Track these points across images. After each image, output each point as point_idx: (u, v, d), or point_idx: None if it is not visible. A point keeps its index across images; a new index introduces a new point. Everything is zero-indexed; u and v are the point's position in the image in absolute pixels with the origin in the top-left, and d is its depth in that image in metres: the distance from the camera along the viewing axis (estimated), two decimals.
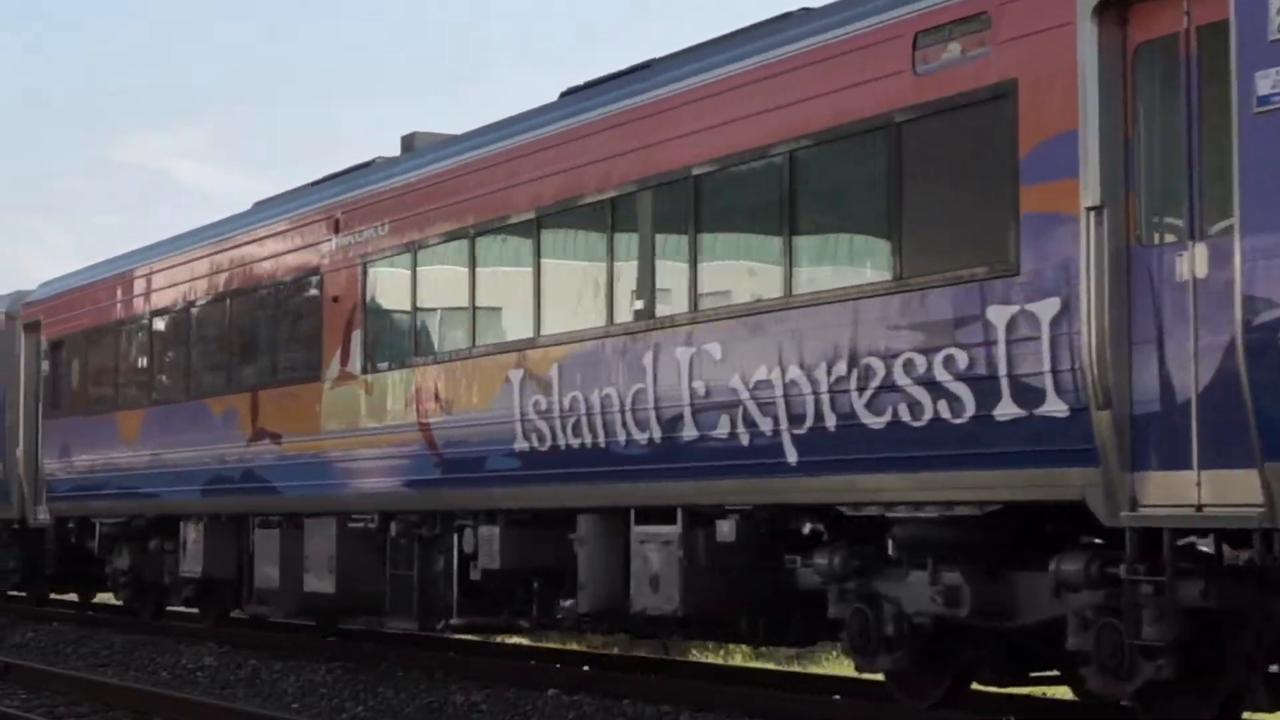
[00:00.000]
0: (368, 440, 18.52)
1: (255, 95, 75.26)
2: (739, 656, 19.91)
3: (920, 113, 12.15)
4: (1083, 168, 10.87)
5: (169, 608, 26.10)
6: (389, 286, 18.48)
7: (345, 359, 18.98)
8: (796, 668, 18.66)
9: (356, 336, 18.83)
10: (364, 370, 18.67)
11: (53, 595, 30.70)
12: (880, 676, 13.65)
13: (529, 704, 15.35)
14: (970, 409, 11.66)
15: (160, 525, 23.81)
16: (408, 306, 18.03)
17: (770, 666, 18.80)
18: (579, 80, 16.50)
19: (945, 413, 11.83)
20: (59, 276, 27.49)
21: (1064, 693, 13.73)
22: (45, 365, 27.00)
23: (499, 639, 21.12)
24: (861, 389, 12.44)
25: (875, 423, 12.35)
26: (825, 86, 12.94)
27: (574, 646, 20.73)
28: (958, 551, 12.02)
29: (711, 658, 19.96)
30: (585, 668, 18.32)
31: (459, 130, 18.21)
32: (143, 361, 23.88)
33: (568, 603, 15.76)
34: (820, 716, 14.18)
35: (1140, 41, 10.73)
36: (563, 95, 16.53)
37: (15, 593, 31.13)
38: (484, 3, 72.50)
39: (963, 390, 11.70)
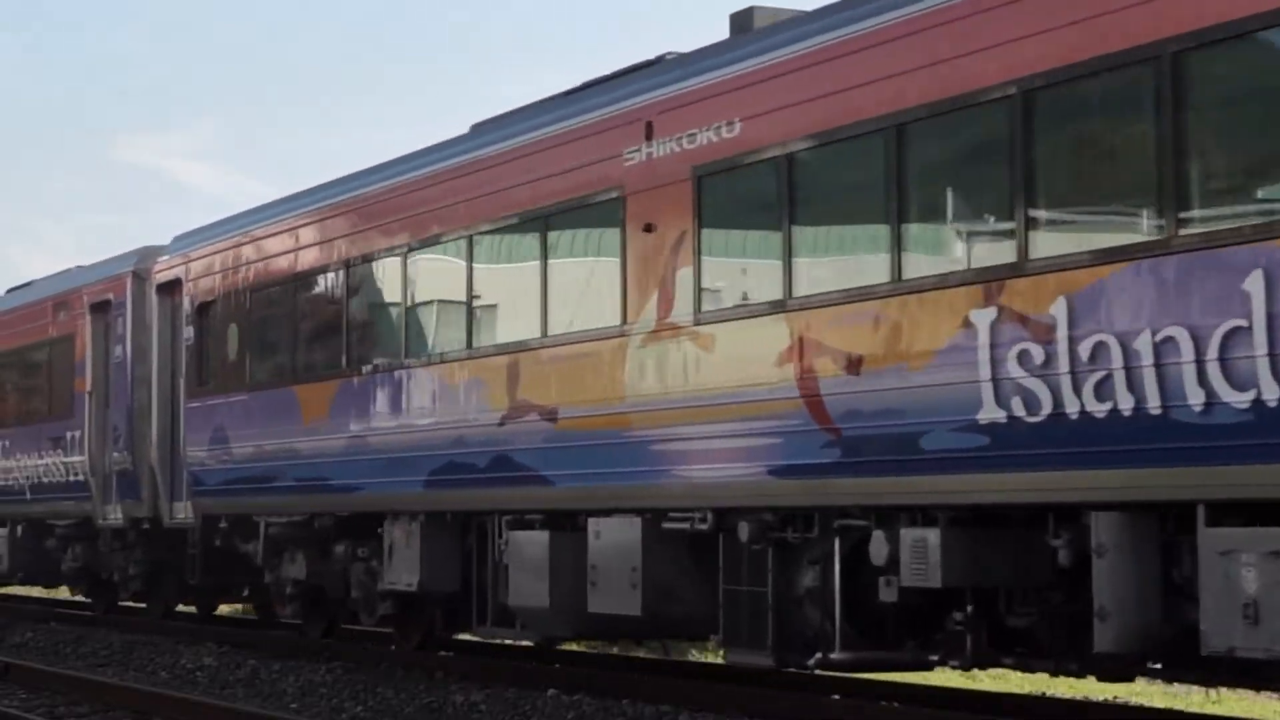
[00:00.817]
0: (702, 412, 13.89)
1: (255, 95, 74.95)
2: None
3: None
4: None
5: (345, 626, 21.48)
6: (742, 206, 13.88)
7: (665, 306, 14.35)
8: (795, 667, 16.98)
9: (684, 276, 14.19)
10: (696, 320, 14.04)
11: (178, 607, 26.15)
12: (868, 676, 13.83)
13: (528, 704, 15.21)
14: None
15: (350, 526, 19.20)
16: (777, 228, 13.39)
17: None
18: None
19: None
20: (204, 225, 22.84)
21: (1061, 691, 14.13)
22: (189, 333, 22.36)
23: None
24: None
25: None
26: None
27: (573, 647, 19.76)
28: None
29: (711, 658, 19.22)
30: (585, 668, 17.96)
31: None
32: (336, 322, 19.20)
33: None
34: (820, 716, 14.02)
35: None
36: None
37: (133, 603, 26.46)
38: (484, 2, 71.43)
39: None
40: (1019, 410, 11.22)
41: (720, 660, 18.24)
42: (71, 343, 25.92)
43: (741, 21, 14.73)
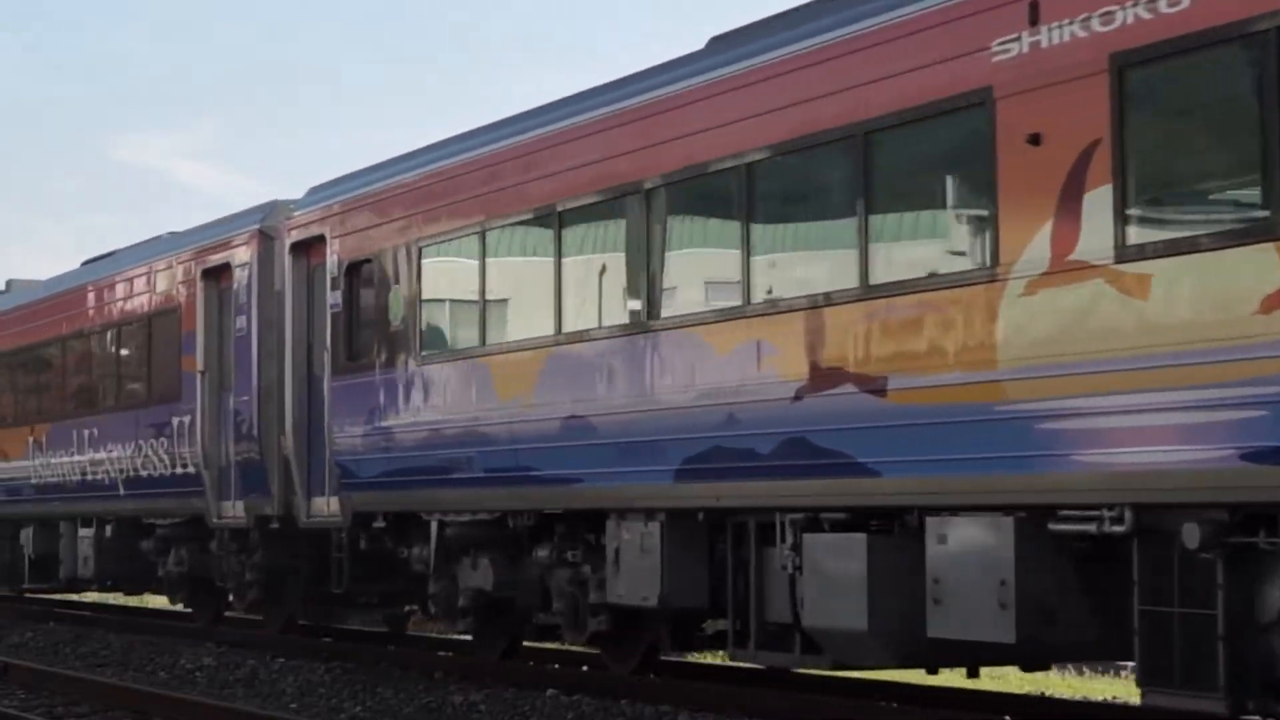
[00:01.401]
0: (1130, 378, 10.51)
1: (255, 95, 74.59)
2: None
3: None
4: None
5: (534, 644, 18.16)
6: (1191, 101, 10.51)
7: (1064, 240, 10.96)
8: (803, 670, 17.01)
9: (1096, 200, 10.79)
10: (1119, 256, 10.65)
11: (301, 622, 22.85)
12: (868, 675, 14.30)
13: (528, 704, 15.17)
14: None
15: (552, 526, 15.88)
16: (1252, 126, 10.01)
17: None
18: None
19: None
20: (350, 173, 19.46)
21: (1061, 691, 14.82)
22: (334, 299, 18.99)
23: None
24: None
25: None
26: None
27: (573, 648, 18.58)
28: None
29: (711, 658, 18.69)
30: (584, 668, 17.65)
31: None
32: (544, 279, 15.80)
33: None
34: (820, 716, 13.88)
35: None
36: None
37: (250, 615, 23.10)
38: (485, 2, 70.02)
39: None
40: None
41: (720, 660, 17.97)
42: (176, 316, 22.54)
43: None
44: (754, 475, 13.28)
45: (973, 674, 13.65)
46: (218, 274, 21.81)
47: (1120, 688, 16.85)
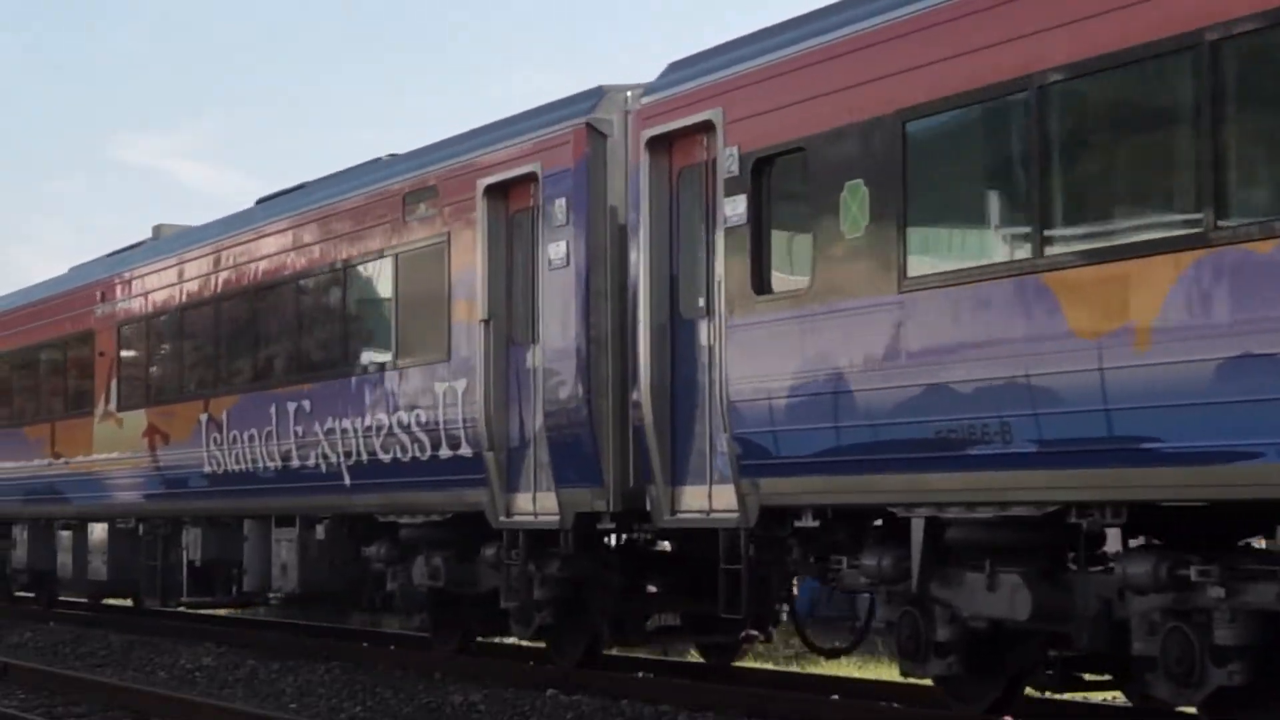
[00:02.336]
0: None
1: (255, 95, 74.63)
2: None
3: None
4: None
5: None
6: None
7: None
8: (795, 668, 17.96)
9: None
10: None
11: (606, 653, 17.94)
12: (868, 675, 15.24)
13: (527, 704, 14.98)
14: None
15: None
16: None
17: (770, 667, 18.39)
18: None
19: None
20: (748, 35, 14.01)
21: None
22: (731, 209, 13.57)
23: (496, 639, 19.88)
24: None
25: None
26: None
27: None
28: None
29: (710, 658, 17.83)
30: (584, 668, 16.82)
31: None
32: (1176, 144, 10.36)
33: None
34: (820, 716, 13.68)
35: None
36: None
37: (532, 643, 17.72)
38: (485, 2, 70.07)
39: None
40: None
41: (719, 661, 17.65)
42: (441, 249, 17.10)
43: None
44: None
45: None
46: (506, 191, 16.40)
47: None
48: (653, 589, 16.84)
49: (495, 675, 16.89)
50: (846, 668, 17.56)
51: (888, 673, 14.65)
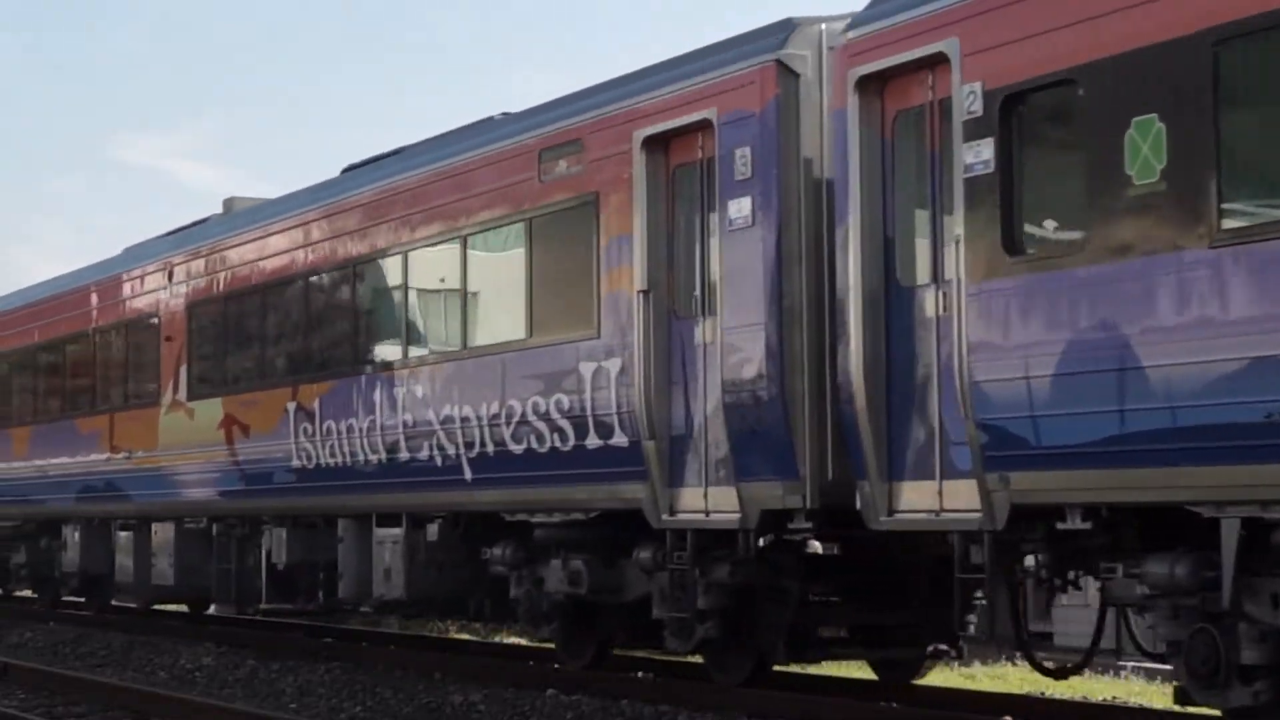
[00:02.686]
0: None
1: (255, 95, 75.26)
2: None
3: None
4: None
5: None
6: None
7: None
8: (795, 668, 16.41)
9: None
10: None
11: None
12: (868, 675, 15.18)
13: (527, 704, 14.96)
14: None
15: None
16: None
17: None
18: None
19: None
20: None
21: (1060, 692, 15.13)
22: (972, 157, 11.50)
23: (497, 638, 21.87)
24: None
25: None
26: None
27: None
28: None
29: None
30: (584, 668, 16.60)
31: None
32: None
33: None
34: (819, 716, 13.61)
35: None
36: None
37: (690, 659, 15.70)
38: (486, 2, 70.83)
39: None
40: None
41: None
42: (587, 211, 15.05)
43: None
44: None
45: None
46: (667, 143, 14.35)
47: (1120, 688, 17.15)
48: (818, 597, 14.90)
49: (495, 675, 16.90)
50: (847, 668, 17.38)
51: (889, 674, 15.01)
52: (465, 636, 18.32)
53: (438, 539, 17.21)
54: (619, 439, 14.57)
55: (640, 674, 16.32)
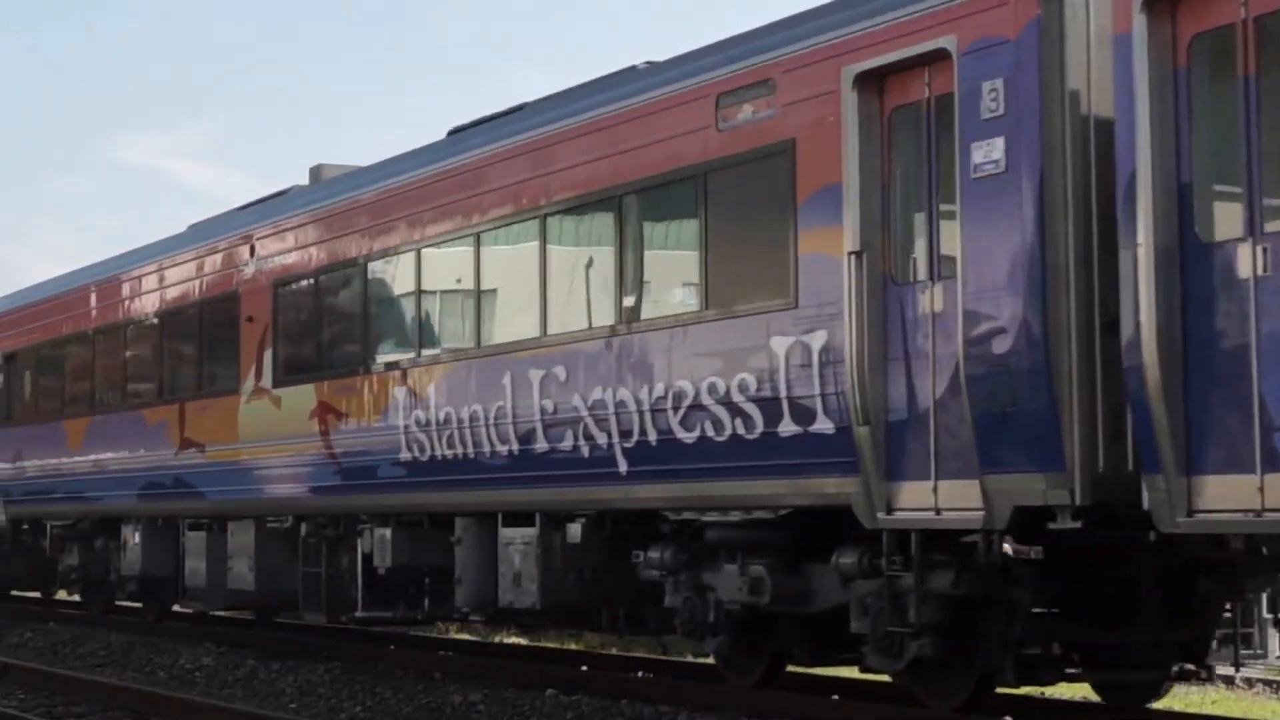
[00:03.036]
0: None
1: (255, 95, 75.12)
2: None
3: None
4: None
5: None
6: None
7: None
8: (795, 668, 16.16)
9: None
10: None
11: None
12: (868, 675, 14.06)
13: (527, 704, 14.92)
14: None
15: None
16: None
17: None
18: None
19: None
20: None
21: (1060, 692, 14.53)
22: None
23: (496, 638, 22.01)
24: None
25: None
26: None
27: (572, 647, 19.73)
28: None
29: (710, 658, 16.86)
30: (584, 668, 17.59)
31: None
32: None
33: None
34: (819, 716, 13.58)
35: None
36: None
37: (891, 678, 13.70)
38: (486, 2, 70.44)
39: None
40: None
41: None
42: (782, 161, 13.03)
43: None
44: None
45: None
46: (882, 79, 12.33)
47: None
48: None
49: (495, 675, 17.00)
50: (846, 668, 17.45)
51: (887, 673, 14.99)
52: (465, 636, 18.18)
53: (580, 540, 15.19)
54: (822, 425, 12.55)
55: (640, 674, 16.51)
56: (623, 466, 14.43)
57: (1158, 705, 13.66)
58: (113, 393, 23.98)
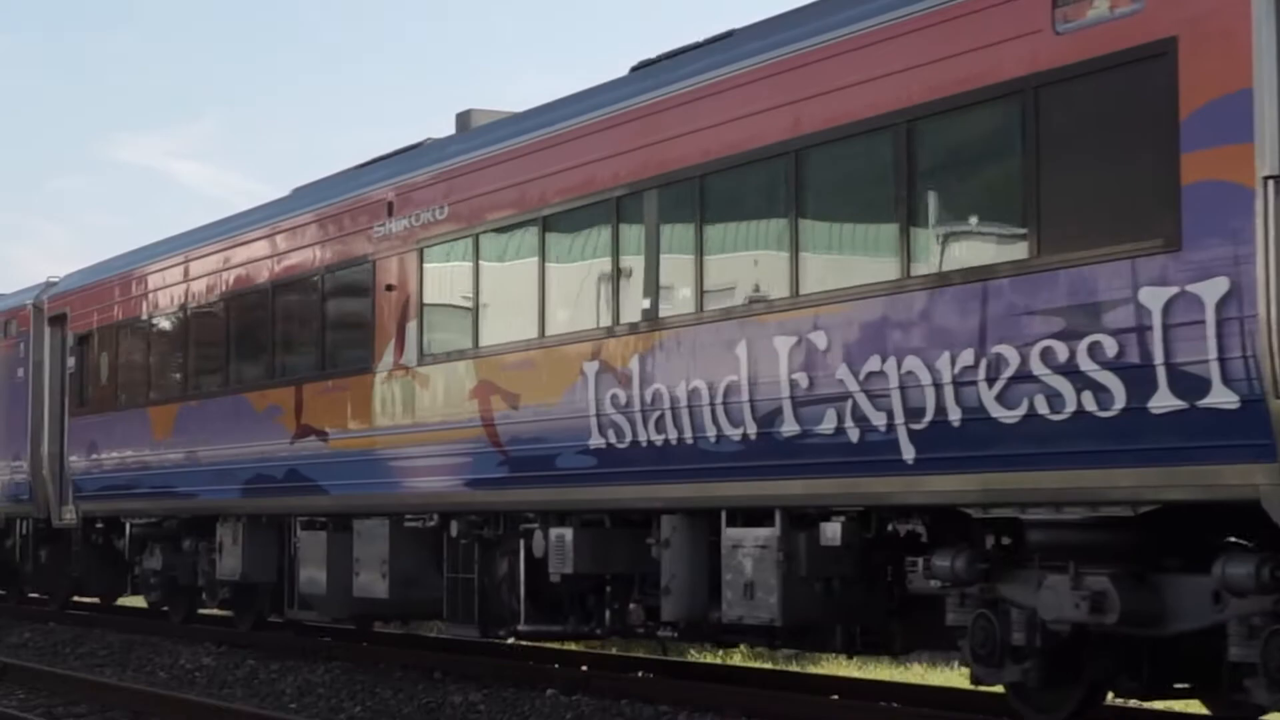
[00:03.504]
0: None
1: (255, 95, 74.87)
2: (738, 657, 18.96)
3: None
4: None
5: None
6: None
7: None
8: (795, 668, 17.98)
9: None
10: None
11: None
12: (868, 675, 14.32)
13: (527, 704, 14.95)
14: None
15: None
16: None
17: (770, 666, 18.27)
18: None
19: None
20: None
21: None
22: None
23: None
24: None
25: None
26: None
27: (571, 647, 19.22)
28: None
29: (710, 658, 18.84)
30: (584, 668, 17.53)
31: None
32: None
33: None
34: (819, 717, 13.67)
35: None
36: None
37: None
38: (486, 3, 70.00)
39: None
40: None
41: (720, 660, 18.48)
42: (1160, 67, 10.35)
43: None
44: None
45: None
46: None
47: None
48: None
49: (495, 675, 16.98)
50: (846, 668, 17.62)
51: (887, 673, 14.64)
52: (465, 636, 17.59)
53: (840, 543, 12.49)
54: (1218, 398, 9.86)
55: (640, 674, 16.67)
56: (908, 453, 11.74)
57: None
58: (210, 375, 21.31)
